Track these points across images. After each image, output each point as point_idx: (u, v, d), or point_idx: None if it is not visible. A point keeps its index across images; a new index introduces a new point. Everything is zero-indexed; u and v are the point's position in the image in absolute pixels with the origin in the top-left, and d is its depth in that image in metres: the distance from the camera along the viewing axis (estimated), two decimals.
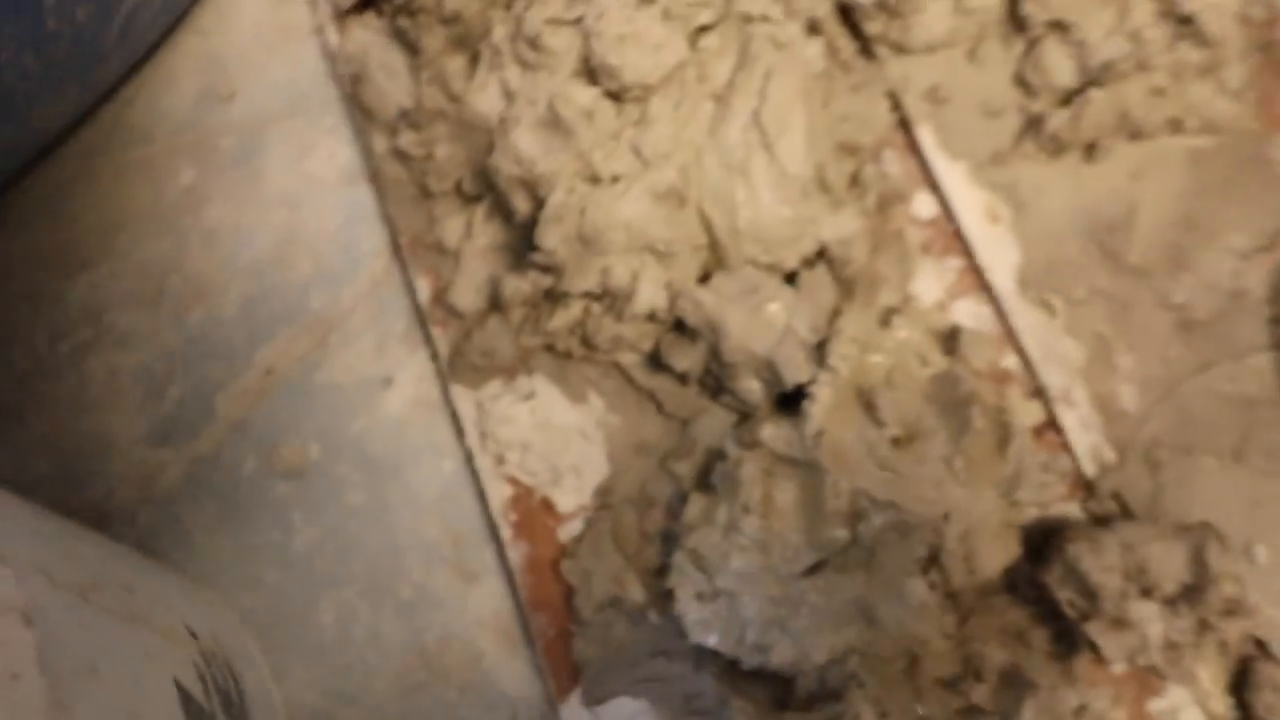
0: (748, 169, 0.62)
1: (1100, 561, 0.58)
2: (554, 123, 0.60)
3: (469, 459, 0.66)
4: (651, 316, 0.62)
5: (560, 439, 0.65)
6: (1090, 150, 0.72)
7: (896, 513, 0.56)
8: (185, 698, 0.42)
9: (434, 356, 0.68)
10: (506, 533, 0.63)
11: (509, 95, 0.63)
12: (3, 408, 0.69)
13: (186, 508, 0.65)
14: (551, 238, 0.59)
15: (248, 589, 0.63)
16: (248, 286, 0.71)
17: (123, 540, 0.64)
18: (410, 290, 0.70)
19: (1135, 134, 0.72)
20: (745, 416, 0.65)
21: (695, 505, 0.60)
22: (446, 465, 0.67)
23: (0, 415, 0.69)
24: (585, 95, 0.60)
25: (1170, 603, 0.58)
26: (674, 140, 0.61)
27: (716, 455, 0.62)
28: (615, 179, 0.60)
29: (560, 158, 0.60)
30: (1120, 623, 0.58)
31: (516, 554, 0.63)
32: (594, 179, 0.60)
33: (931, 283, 0.71)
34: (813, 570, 0.57)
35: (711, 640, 0.57)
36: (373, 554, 0.64)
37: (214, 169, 0.75)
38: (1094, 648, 0.59)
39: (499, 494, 0.64)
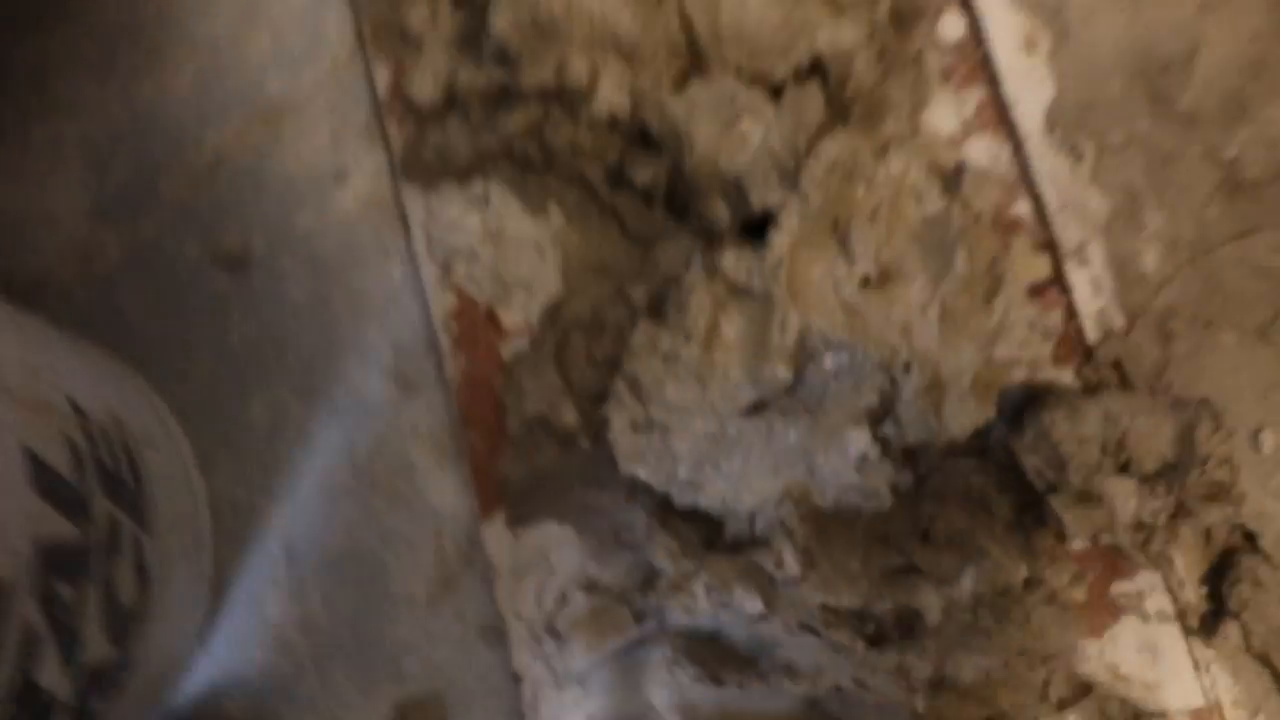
0: None
1: (1076, 430, 0.53)
2: None
3: (416, 264, 0.61)
4: (613, 122, 0.56)
5: (513, 251, 0.60)
6: None
7: (850, 356, 0.51)
8: (38, 467, 0.40)
9: (390, 153, 0.63)
10: (446, 344, 0.60)
11: None
12: None
13: (124, 290, 0.63)
14: (504, 21, 0.53)
15: (180, 379, 0.61)
16: (202, 62, 0.66)
17: (57, 319, 0.62)
18: (371, 80, 0.64)
19: None
20: (711, 245, 0.59)
21: (643, 331, 0.56)
22: (395, 270, 0.63)
23: None
24: None
25: (1147, 481, 0.52)
26: None
27: (676, 284, 0.57)
28: None
29: None
30: (1088, 496, 0.53)
31: (455, 367, 0.59)
32: None
33: (946, 114, 0.63)
34: (752, 411, 0.52)
35: (641, 472, 0.54)
36: (309, 354, 0.62)
37: None
38: (1058, 522, 0.55)
39: (442, 304, 0.60)
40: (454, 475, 0.60)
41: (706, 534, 0.56)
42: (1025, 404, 0.58)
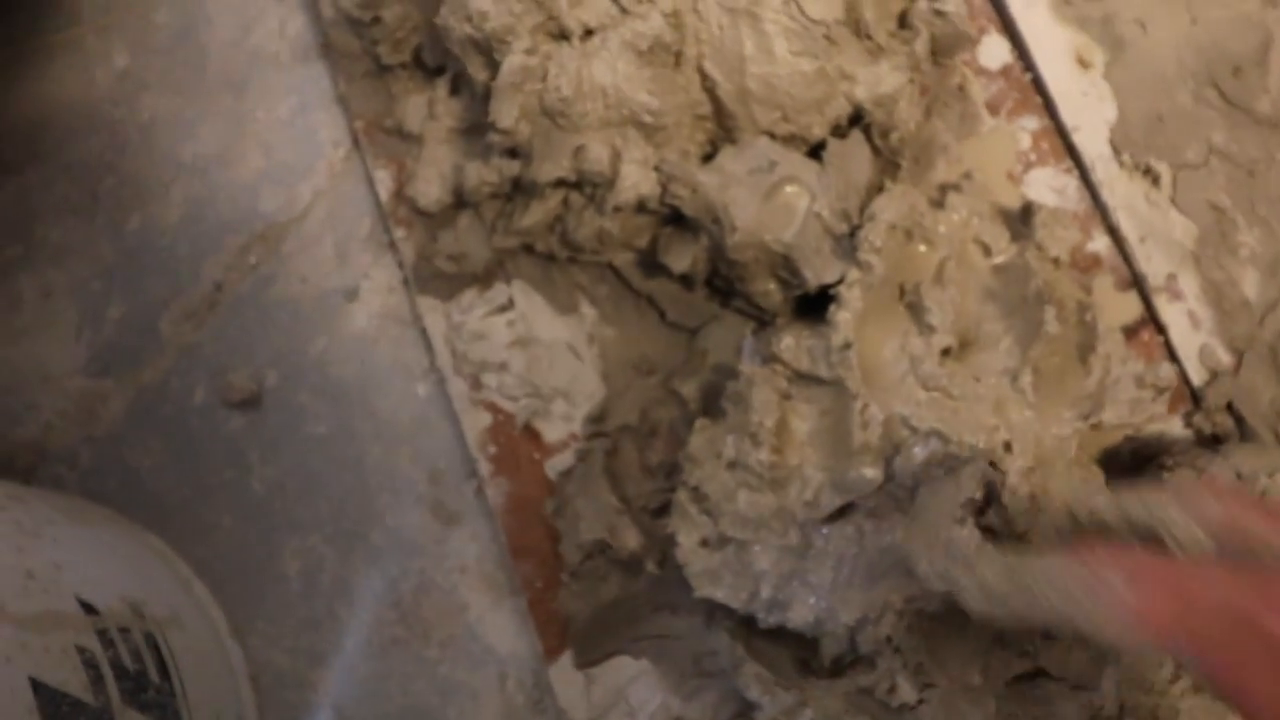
0: (757, 12, 0.48)
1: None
2: None
3: (443, 383, 0.56)
4: (641, 206, 0.51)
5: (545, 357, 0.55)
6: None
7: (943, 443, 0.45)
8: (48, 699, 0.35)
9: (401, 262, 0.59)
10: (485, 468, 0.54)
11: None
12: None
13: (131, 446, 0.58)
14: (509, 111, 0.48)
15: (201, 537, 0.56)
16: (191, 187, 0.62)
17: (63, 483, 0.58)
18: (373, 184, 0.60)
19: None
20: (763, 324, 0.54)
21: (700, 433, 0.50)
22: (420, 389, 0.58)
23: None
24: None
25: None
26: None
27: (728, 373, 0.51)
28: (588, 33, 0.48)
29: (516, 8, 0.48)
30: None
31: (497, 493, 0.54)
32: (560, 34, 0.48)
33: (1000, 150, 0.58)
34: (838, 515, 0.46)
35: (719, 594, 0.48)
36: (339, 494, 0.57)
37: (149, 50, 0.65)
38: None
39: (475, 423, 0.55)
40: (512, 611, 0.54)
41: (799, 654, 0.50)
42: (1136, 464, 0.52)
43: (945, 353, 0.48)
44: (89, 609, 0.41)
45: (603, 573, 0.51)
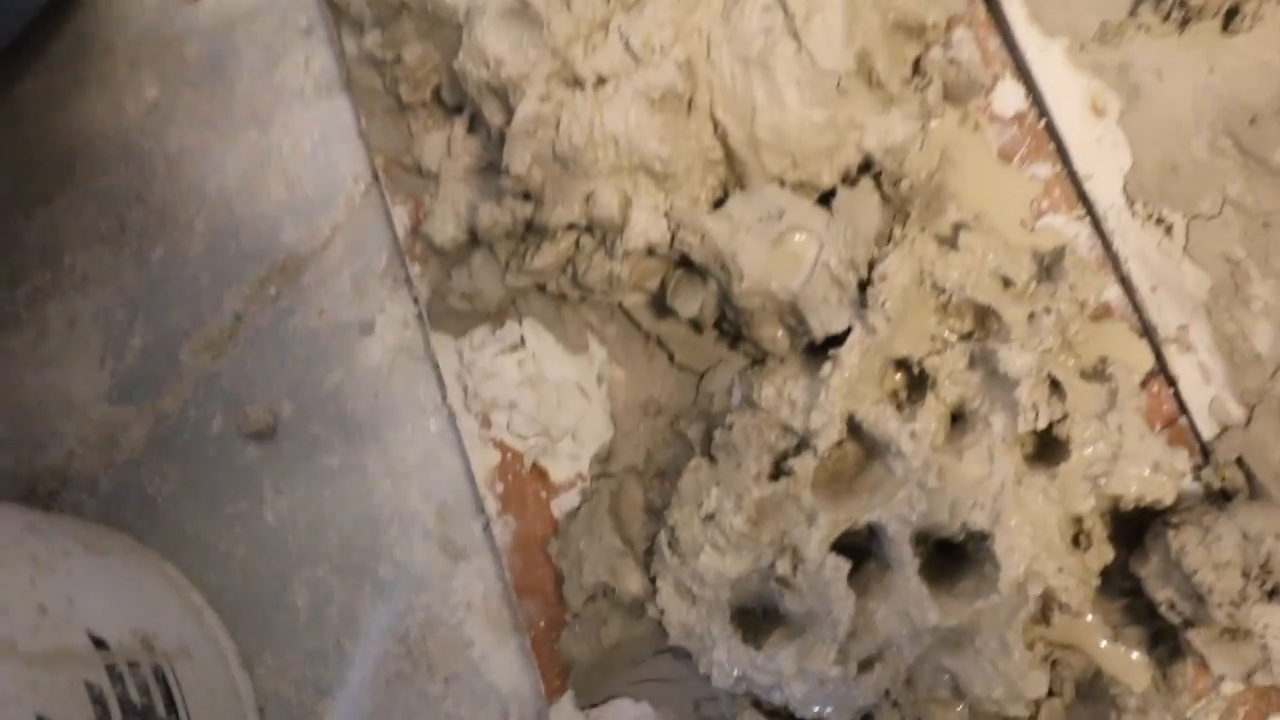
0: (769, 63, 0.49)
1: (1212, 555, 0.46)
2: (524, 10, 0.48)
3: (454, 419, 0.57)
4: (651, 251, 0.51)
5: (554, 396, 0.56)
6: (1231, 17, 0.56)
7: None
8: None
9: (416, 298, 0.60)
10: (492, 506, 0.55)
11: None
12: None
13: (150, 473, 0.59)
14: (522, 158, 0.49)
15: (215, 566, 0.57)
16: (215, 219, 0.63)
17: (82, 509, 0.59)
18: (391, 218, 0.61)
19: None
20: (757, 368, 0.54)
21: (692, 474, 0.50)
22: (432, 424, 0.58)
23: None
24: None
25: None
26: (676, 28, 0.49)
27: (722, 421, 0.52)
28: (601, 81, 0.49)
29: (531, 55, 0.48)
30: (1236, 632, 0.47)
31: (503, 531, 0.55)
32: (574, 81, 0.49)
33: (1013, 196, 0.58)
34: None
35: (692, 651, 0.48)
36: (349, 527, 0.57)
37: (179, 82, 0.66)
38: (1201, 659, 0.48)
39: (484, 461, 0.56)
40: (516, 649, 0.55)
41: None
42: (1138, 514, 0.52)
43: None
44: (99, 644, 0.42)
45: (605, 615, 0.51)
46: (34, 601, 0.41)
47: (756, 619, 0.50)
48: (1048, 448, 0.50)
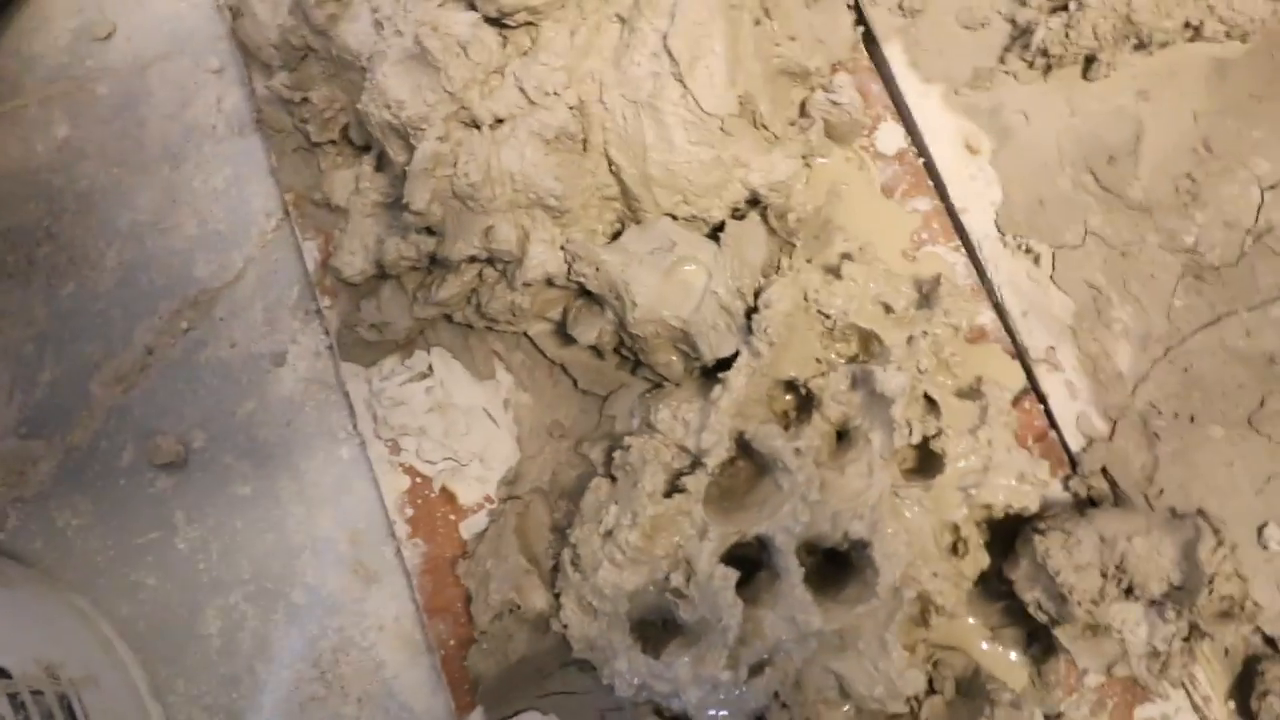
0: (658, 105, 0.52)
1: (1074, 558, 0.50)
2: (421, 56, 0.51)
3: (364, 446, 0.59)
4: (550, 282, 0.54)
5: (462, 422, 0.58)
6: (1090, 65, 0.61)
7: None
8: None
9: (327, 329, 0.61)
10: (402, 530, 0.56)
11: (378, 25, 0.53)
12: None
13: (59, 506, 0.60)
14: (422, 195, 0.51)
15: (126, 596, 0.58)
16: (126, 253, 0.64)
17: None
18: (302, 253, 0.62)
19: (1144, 43, 0.60)
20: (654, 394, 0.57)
21: (593, 493, 0.53)
22: (344, 452, 0.60)
23: None
24: (461, 22, 0.51)
25: (1156, 604, 0.49)
26: (569, 73, 0.52)
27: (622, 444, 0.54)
28: (498, 122, 0.51)
29: (430, 98, 0.51)
30: (1097, 628, 0.50)
31: (414, 554, 0.56)
32: (472, 122, 0.51)
33: (895, 228, 0.62)
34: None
35: (594, 662, 0.50)
36: (262, 554, 0.58)
37: (90, 120, 0.67)
38: (1068, 654, 0.52)
39: (394, 486, 0.57)
40: (427, 669, 0.56)
41: None
42: (1013, 525, 0.55)
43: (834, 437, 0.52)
44: (2, 673, 0.43)
45: (511, 631, 0.53)
46: None
47: (656, 630, 0.52)
48: (925, 461, 0.54)
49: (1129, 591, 0.50)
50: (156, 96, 0.67)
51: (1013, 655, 0.54)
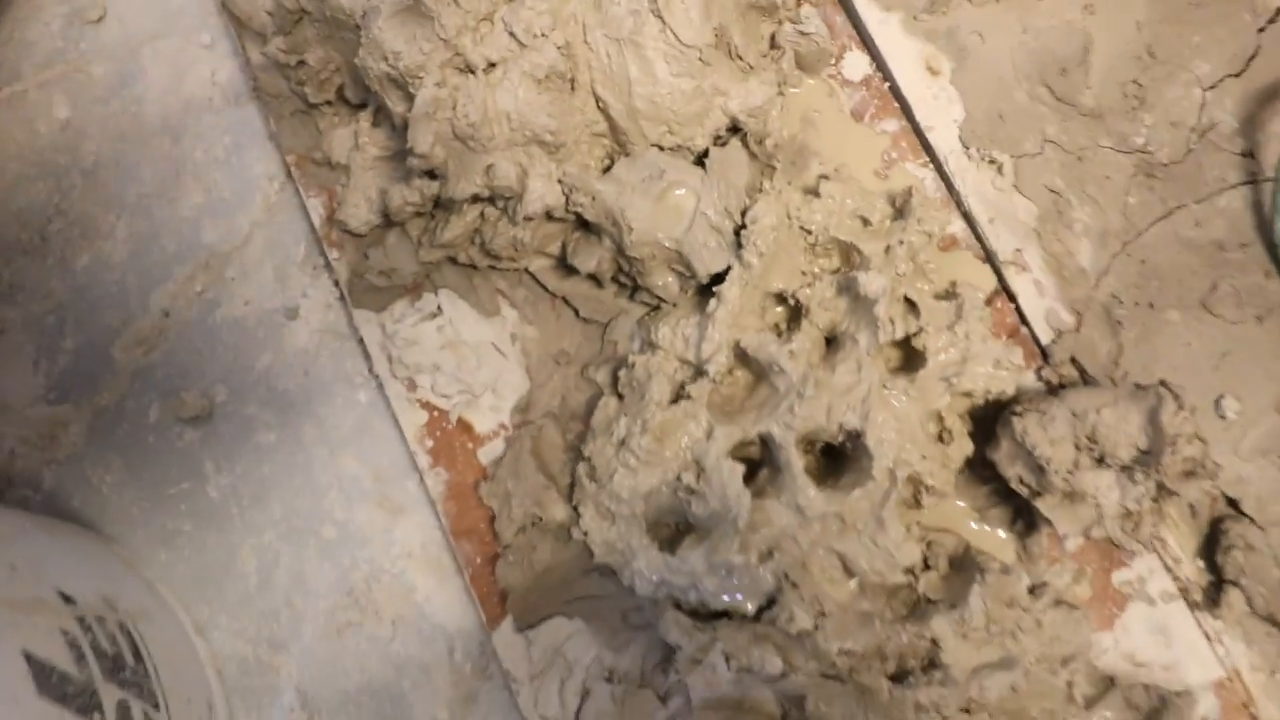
0: (639, 40, 0.56)
1: (1049, 433, 0.54)
2: (415, 7, 0.54)
3: (381, 386, 0.62)
4: (549, 215, 0.57)
5: (473, 356, 0.61)
6: None
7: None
8: (39, 669, 0.40)
9: (337, 280, 0.64)
10: (424, 461, 0.60)
11: None
12: None
13: (92, 465, 0.63)
14: (425, 138, 0.54)
15: (164, 544, 0.61)
16: (136, 225, 0.67)
17: (28, 505, 0.62)
18: (306, 211, 0.65)
19: None
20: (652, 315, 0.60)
21: (603, 409, 0.56)
22: (361, 395, 0.63)
23: None
24: None
25: (1126, 470, 0.53)
26: (554, 15, 0.55)
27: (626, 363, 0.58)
28: (491, 65, 0.55)
29: (426, 47, 0.54)
30: (1073, 495, 0.54)
31: (436, 482, 0.60)
32: (466, 68, 0.55)
33: (866, 149, 0.65)
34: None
35: (615, 566, 0.54)
36: (290, 495, 0.62)
37: (89, 101, 0.70)
38: (1049, 524, 0.56)
39: (413, 421, 0.60)
40: (456, 590, 0.59)
41: None
42: (993, 411, 0.59)
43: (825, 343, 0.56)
44: (67, 599, 0.46)
45: (535, 543, 0.57)
46: (4, 560, 0.44)
47: (670, 533, 0.56)
48: (909, 359, 0.58)
49: (1101, 460, 0.54)
50: (151, 74, 0.70)
51: (1000, 533, 0.59)
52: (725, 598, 0.52)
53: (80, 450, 0.63)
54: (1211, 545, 0.57)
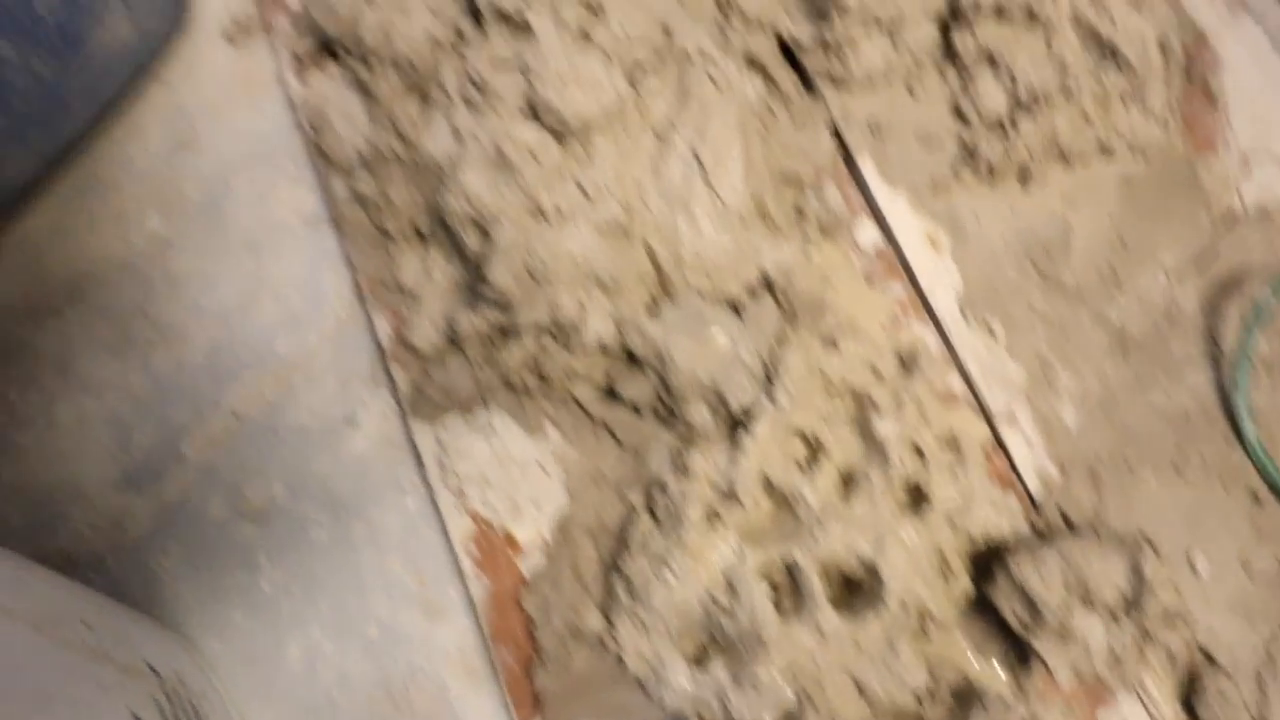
0: (689, 201, 0.64)
1: (1042, 575, 0.60)
2: (500, 161, 0.62)
3: (431, 494, 0.67)
4: (602, 348, 0.64)
5: (519, 472, 0.67)
6: (1025, 176, 0.75)
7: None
8: None
9: (396, 395, 0.70)
10: (469, 567, 0.65)
11: (458, 136, 0.65)
12: None
13: (155, 553, 0.67)
14: (501, 273, 0.62)
15: (215, 632, 0.65)
16: (214, 332, 0.73)
17: (92, 587, 0.65)
18: (373, 330, 0.72)
19: (1066, 159, 0.75)
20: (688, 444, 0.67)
21: (639, 527, 0.62)
22: (410, 502, 0.68)
23: None
24: (529, 133, 0.63)
25: (1111, 613, 0.60)
26: (617, 176, 0.64)
27: (665, 484, 0.64)
28: (561, 214, 0.63)
29: (507, 194, 0.62)
30: (1064, 634, 0.60)
31: (479, 588, 0.64)
32: (540, 215, 0.63)
33: (876, 309, 0.74)
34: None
35: (645, 676, 0.59)
36: (338, 592, 0.66)
37: (180, 216, 0.77)
38: (1042, 661, 0.61)
39: (460, 528, 0.66)
40: (489, 694, 0.63)
41: None
42: (991, 555, 0.66)
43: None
44: (154, 671, 0.49)
45: (572, 651, 0.61)
46: (105, 628, 0.48)
47: (697, 648, 0.61)
48: (916, 499, 0.64)
49: (1088, 602, 0.60)
50: (239, 197, 0.77)
51: (997, 667, 0.64)
52: (748, 713, 0.56)
53: (144, 539, 0.67)
54: (1190, 692, 0.63)
